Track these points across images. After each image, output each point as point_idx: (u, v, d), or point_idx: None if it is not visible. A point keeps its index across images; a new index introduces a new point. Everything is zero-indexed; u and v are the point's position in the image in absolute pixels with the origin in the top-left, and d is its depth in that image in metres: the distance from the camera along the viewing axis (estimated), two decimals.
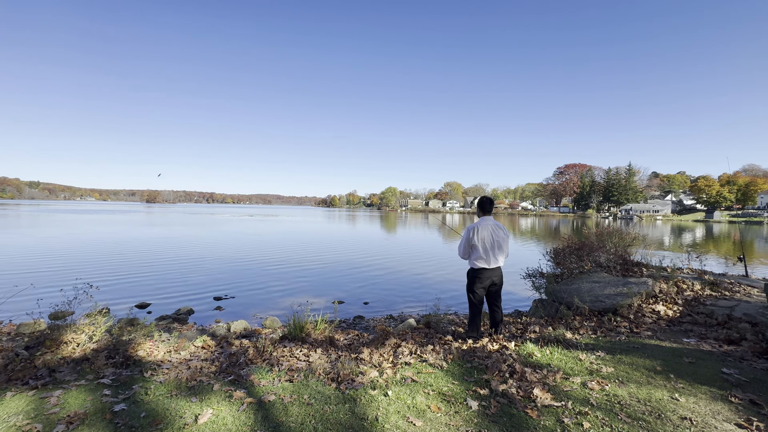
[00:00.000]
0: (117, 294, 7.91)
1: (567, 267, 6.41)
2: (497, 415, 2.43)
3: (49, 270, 10.28)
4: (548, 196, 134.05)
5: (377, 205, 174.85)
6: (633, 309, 4.81)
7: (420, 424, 2.33)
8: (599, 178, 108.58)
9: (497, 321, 4.22)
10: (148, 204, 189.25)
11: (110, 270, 10.55)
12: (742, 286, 5.69)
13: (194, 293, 8.23)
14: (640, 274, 5.95)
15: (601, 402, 2.57)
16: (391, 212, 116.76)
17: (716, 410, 2.45)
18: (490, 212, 4.16)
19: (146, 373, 3.10)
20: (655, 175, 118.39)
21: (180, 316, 6.46)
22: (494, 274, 4.05)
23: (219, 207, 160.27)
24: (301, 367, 3.25)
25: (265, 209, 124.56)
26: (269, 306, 7.40)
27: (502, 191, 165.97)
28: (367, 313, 6.99)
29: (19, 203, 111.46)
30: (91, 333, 3.62)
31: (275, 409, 2.49)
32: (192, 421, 2.33)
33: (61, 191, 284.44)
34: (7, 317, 5.61)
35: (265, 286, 9.18)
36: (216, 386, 2.82)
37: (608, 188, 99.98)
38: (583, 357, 3.33)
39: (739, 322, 4.19)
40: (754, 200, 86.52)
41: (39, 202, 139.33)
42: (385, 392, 2.73)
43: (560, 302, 5.14)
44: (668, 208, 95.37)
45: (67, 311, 4.41)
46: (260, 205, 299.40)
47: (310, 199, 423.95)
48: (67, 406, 2.48)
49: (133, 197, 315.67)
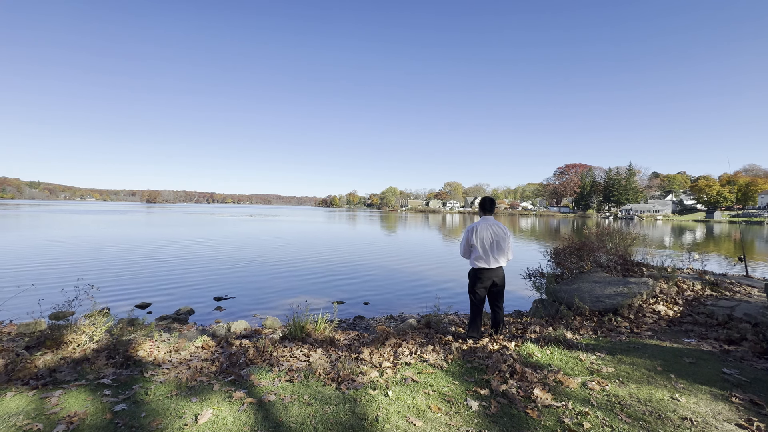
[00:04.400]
0: (117, 294, 7.91)
1: (567, 267, 6.41)
2: (497, 415, 2.43)
3: (50, 270, 10.29)
4: (548, 196, 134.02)
5: (377, 205, 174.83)
6: (633, 309, 4.80)
7: (420, 424, 2.33)
8: (599, 178, 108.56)
9: (498, 321, 4.22)
10: (148, 204, 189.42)
11: (111, 270, 10.55)
12: (743, 286, 5.69)
13: (194, 293, 8.23)
14: (641, 274, 5.95)
15: (602, 402, 2.57)
16: (392, 212, 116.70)
17: (717, 410, 2.45)
18: (491, 212, 4.16)
19: (146, 373, 3.10)
20: (656, 175, 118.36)
21: (180, 316, 6.46)
22: (495, 274, 4.04)
23: (219, 207, 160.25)
24: (302, 367, 3.25)
25: (266, 209, 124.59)
26: (269, 306, 7.40)
27: (503, 191, 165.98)
28: (367, 313, 6.99)
29: (20, 203, 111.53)
30: (91, 333, 3.63)
31: (275, 409, 2.49)
32: (192, 421, 2.33)
33: (62, 191, 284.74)
34: (8, 317, 5.62)
35: (265, 286, 9.18)
36: (216, 386, 2.81)
37: (608, 188, 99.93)
38: (584, 357, 3.32)
39: (740, 322, 4.18)
40: (754, 200, 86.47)
41: (39, 202, 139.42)
42: (386, 392, 2.73)
43: (560, 302, 5.14)
44: (669, 208, 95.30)
45: (67, 311, 4.42)
46: (260, 205, 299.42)
47: (311, 199, 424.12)
48: (68, 406, 2.48)
49: (133, 197, 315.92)
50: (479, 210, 4.20)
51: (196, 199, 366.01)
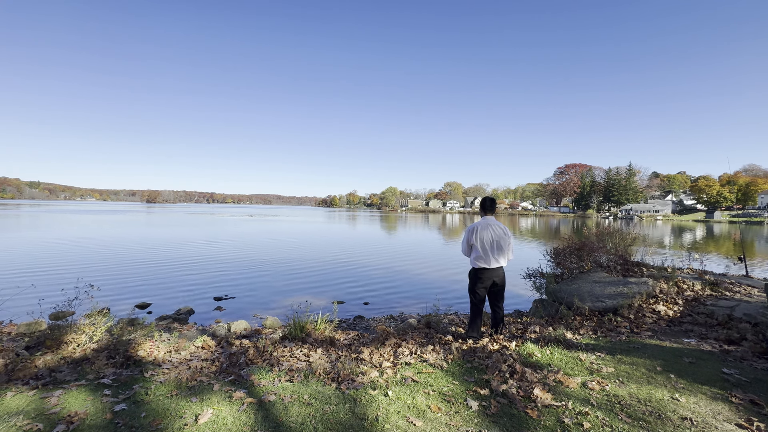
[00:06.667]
0: (117, 294, 7.91)
1: (567, 267, 6.41)
2: (497, 415, 2.43)
3: (51, 270, 10.29)
4: (548, 196, 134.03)
5: (377, 205, 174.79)
6: (633, 309, 4.80)
7: (420, 424, 2.33)
8: (599, 178, 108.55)
9: (498, 321, 4.23)
10: (148, 204, 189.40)
11: (111, 270, 10.55)
12: (743, 286, 5.68)
13: (194, 293, 8.23)
14: (641, 274, 5.95)
15: (602, 402, 2.57)
16: (392, 212, 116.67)
17: (717, 410, 2.45)
18: (492, 212, 4.17)
19: (146, 373, 3.10)
20: (656, 175, 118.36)
21: (180, 316, 6.45)
22: (495, 274, 4.05)
23: (219, 207, 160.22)
24: (302, 367, 3.25)
25: (266, 209, 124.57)
26: (269, 306, 7.41)
27: (503, 191, 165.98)
28: (367, 313, 6.99)
29: (20, 203, 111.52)
30: (91, 333, 3.63)
31: (275, 409, 2.49)
32: (192, 421, 2.33)
33: (62, 191, 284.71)
34: (8, 317, 5.62)
35: (265, 286, 9.18)
36: (216, 386, 2.82)
37: (608, 188, 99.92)
38: (584, 357, 3.32)
39: (740, 322, 4.18)
40: (754, 200, 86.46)
41: (39, 203, 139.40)
42: (386, 392, 2.73)
43: (560, 302, 5.14)
44: (668, 208, 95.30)
45: (67, 311, 4.42)
46: (260, 205, 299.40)
47: (311, 199, 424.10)
48: (68, 406, 2.48)
49: (133, 197, 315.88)
50: (480, 210, 4.21)
51: (196, 199, 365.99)
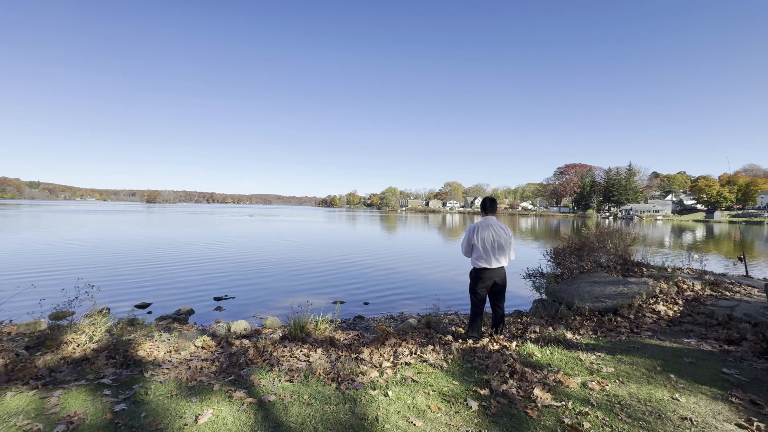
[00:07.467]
0: (117, 294, 7.91)
1: (567, 267, 6.41)
2: (497, 415, 2.43)
3: (50, 270, 10.29)
4: (548, 196, 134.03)
5: (377, 205, 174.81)
6: (633, 309, 4.80)
7: (420, 424, 2.33)
8: (599, 178, 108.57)
9: (498, 321, 4.23)
10: (148, 204, 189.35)
11: (111, 270, 10.55)
12: (743, 286, 5.68)
13: (194, 293, 8.23)
14: (641, 274, 5.95)
15: (602, 402, 2.57)
16: (392, 212, 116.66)
17: (717, 410, 2.45)
18: (493, 212, 4.18)
19: (146, 373, 3.10)
20: (656, 175, 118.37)
21: (180, 316, 6.46)
22: (496, 274, 4.05)
23: (219, 207, 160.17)
24: (302, 367, 3.25)
25: (265, 209, 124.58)
26: (269, 306, 7.41)
27: (503, 191, 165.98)
28: (367, 313, 6.99)
29: (20, 203, 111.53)
30: (91, 333, 3.63)
31: (275, 409, 2.49)
32: (192, 421, 2.33)
33: (62, 191, 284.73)
34: (8, 317, 5.62)
35: (265, 286, 9.18)
36: (216, 386, 2.81)
37: (608, 188, 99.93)
38: (584, 357, 3.32)
39: (740, 322, 4.18)
40: (754, 200, 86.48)
41: (39, 203, 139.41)
42: (386, 392, 2.73)
43: (560, 302, 5.14)
44: (668, 208, 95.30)
45: (67, 311, 4.41)
46: (260, 205, 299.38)
47: (310, 199, 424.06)
48: (68, 406, 2.48)
49: (133, 197, 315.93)
50: (480, 210, 4.23)
51: (196, 199, 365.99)
